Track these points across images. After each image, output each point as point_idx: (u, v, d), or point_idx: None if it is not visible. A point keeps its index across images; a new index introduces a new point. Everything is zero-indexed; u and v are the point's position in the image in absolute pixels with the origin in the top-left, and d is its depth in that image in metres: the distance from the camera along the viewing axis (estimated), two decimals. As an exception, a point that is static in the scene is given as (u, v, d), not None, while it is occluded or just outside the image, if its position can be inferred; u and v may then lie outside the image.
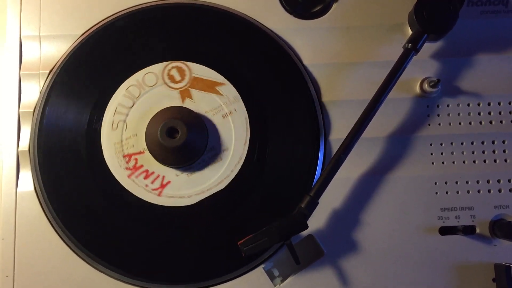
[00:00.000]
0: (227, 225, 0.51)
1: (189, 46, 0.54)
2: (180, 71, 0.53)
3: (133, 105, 0.52)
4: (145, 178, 0.52)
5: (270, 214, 0.50)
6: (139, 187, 0.51)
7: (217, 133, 0.52)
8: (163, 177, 0.52)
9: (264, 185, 0.52)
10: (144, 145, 0.52)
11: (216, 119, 0.53)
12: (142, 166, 0.52)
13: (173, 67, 0.53)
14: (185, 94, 0.53)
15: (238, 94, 0.53)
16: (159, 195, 0.51)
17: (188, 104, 0.53)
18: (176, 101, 0.53)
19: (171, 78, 0.53)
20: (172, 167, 0.51)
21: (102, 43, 0.53)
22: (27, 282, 0.51)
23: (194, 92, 0.53)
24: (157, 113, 0.51)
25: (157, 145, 0.50)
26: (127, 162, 0.51)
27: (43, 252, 0.51)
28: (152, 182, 0.51)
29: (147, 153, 0.51)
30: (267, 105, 0.53)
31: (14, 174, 0.52)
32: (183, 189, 0.51)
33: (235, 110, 0.53)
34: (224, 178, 0.52)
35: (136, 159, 0.52)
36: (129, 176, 0.51)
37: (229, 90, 0.53)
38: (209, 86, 0.53)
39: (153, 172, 0.52)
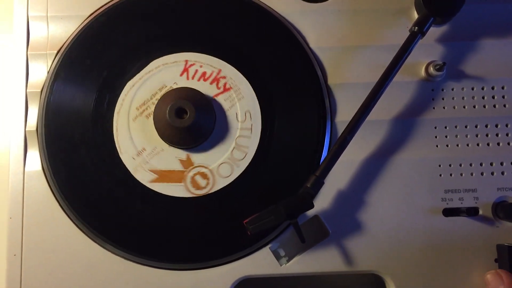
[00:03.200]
0: (234, 206, 0.52)
1: (194, 29, 0.54)
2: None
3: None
4: None
5: (276, 194, 0.51)
6: None
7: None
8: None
9: (271, 166, 0.52)
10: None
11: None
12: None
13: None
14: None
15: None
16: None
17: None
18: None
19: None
20: (181, 148, 0.52)
21: (110, 24, 0.54)
22: (34, 261, 0.51)
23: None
24: (164, 94, 0.52)
25: (166, 126, 0.50)
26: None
27: (51, 231, 0.51)
28: None
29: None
30: (274, 87, 0.53)
31: (21, 154, 0.52)
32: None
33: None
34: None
35: None
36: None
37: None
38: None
39: None
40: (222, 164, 0.52)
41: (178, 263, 0.51)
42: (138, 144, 0.52)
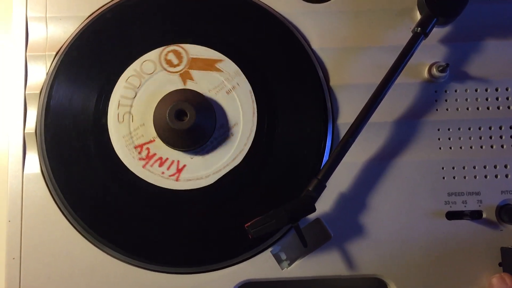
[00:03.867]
0: (234, 209, 0.51)
1: (195, 28, 0.53)
2: (177, 54, 0.53)
3: (135, 96, 0.52)
4: (160, 165, 0.51)
5: (278, 197, 0.50)
6: (155, 175, 0.51)
7: (223, 110, 0.52)
8: (178, 161, 0.51)
9: (272, 168, 0.51)
10: (153, 133, 0.51)
11: (220, 97, 0.52)
12: (155, 154, 0.51)
13: (169, 52, 0.53)
14: (185, 76, 0.53)
15: (239, 68, 0.53)
16: (176, 180, 0.51)
17: (190, 85, 0.52)
18: (177, 85, 0.52)
19: (169, 63, 0.53)
20: (183, 151, 0.51)
21: (109, 25, 0.53)
22: (33, 264, 0.51)
23: (194, 73, 0.53)
24: (163, 97, 0.51)
25: (166, 129, 0.50)
26: (139, 153, 0.51)
27: (50, 234, 0.51)
28: (168, 169, 0.51)
29: (158, 140, 0.51)
30: (276, 89, 0.53)
31: (20, 156, 0.52)
32: (201, 170, 0.51)
33: (237, 84, 0.53)
34: (239, 153, 0.52)
35: (148, 149, 0.52)
36: (143, 166, 0.51)
37: (228, 65, 0.53)
38: (208, 65, 0.53)
39: (167, 159, 0.51)
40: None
41: (178, 266, 0.51)
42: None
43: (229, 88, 0.52)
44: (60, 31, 0.54)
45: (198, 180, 0.51)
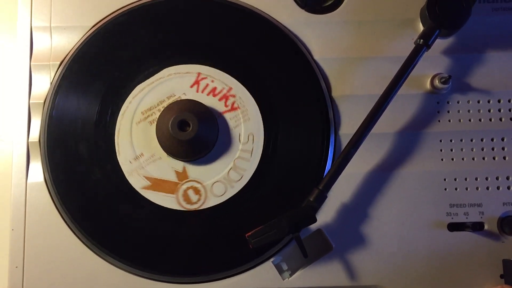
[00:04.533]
0: (237, 218, 0.51)
1: (199, 41, 0.54)
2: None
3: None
4: None
5: (279, 207, 0.50)
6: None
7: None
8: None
9: (274, 179, 0.52)
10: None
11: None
12: None
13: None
14: None
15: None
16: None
17: None
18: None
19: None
20: (183, 160, 0.51)
21: (113, 35, 0.53)
22: (36, 273, 0.51)
23: None
24: (169, 104, 0.52)
25: (167, 137, 0.50)
26: None
27: (53, 243, 0.51)
28: None
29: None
30: (277, 99, 0.53)
31: (24, 165, 0.52)
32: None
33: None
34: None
35: None
36: None
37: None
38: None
39: None
40: (217, 183, 0.52)
41: (180, 276, 0.51)
42: (137, 148, 0.52)
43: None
44: (65, 41, 0.54)
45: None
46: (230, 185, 0.52)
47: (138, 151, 0.52)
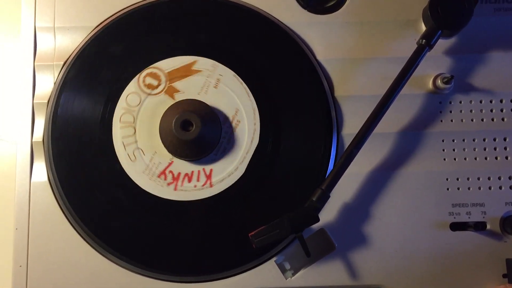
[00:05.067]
0: (240, 218, 0.52)
1: (202, 42, 0.54)
2: (153, 75, 0.53)
3: (135, 131, 0.52)
4: (190, 181, 0.52)
5: (282, 207, 0.50)
6: (189, 192, 0.52)
7: (221, 104, 0.53)
8: (203, 169, 0.52)
9: (277, 179, 0.52)
10: (169, 155, 0.52)
11: (211, 94, 0.53)
12: (179, 173, 0.52)
13: (145, 77, 0.53)
14: (171, 91, 0.53)
15: (213, 61, 0.53)
16: (211, 186, 0.52)
17: (180, 96, 0.53)
18: (168, 103, 0.52)
19: (150, 86, 0.53)
20: (188, 160, 0.52)
21: (117, 36, 0.54)
22: (40, 272, 0.51)
23: (177, 85, 0.53)
24: (171, 106, 0.52)
25: (172, 139, 0.50)
26: (165, 179, 0.52)
27: (57, 242, 0.51)
28: (198, 180, 0.52)
29: (176, 159, 0.52)
30: (280, 99, 0.53)
31: (28, 165, 0.53)
32: (228, 166, 0.52)
33: (220, 75, 0.53)
34: (253, 134, 0.52)
35: (171, 171, 0.52)
36: (175, 189, 0.52)
37: (204, 62, 0.53)
38: (186, 71, 0.53)
39: (192, 172, 0.52)
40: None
41: (182, 275, 0.51)
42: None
43: (215, 83, 0.53)
44: (68, 41, 0.55)
45: (230, 176, 0.52)
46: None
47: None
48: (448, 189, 0.53)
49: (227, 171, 0.52)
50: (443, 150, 0.53)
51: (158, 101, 0.53)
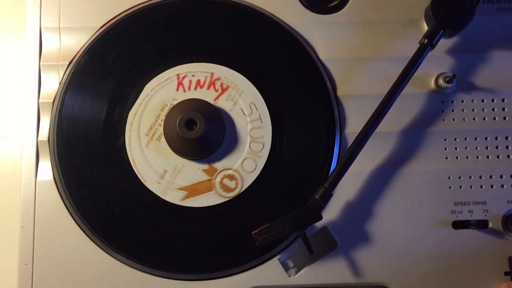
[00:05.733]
0: (243, 216, 0.52)
1: (203, 40, 0.54)
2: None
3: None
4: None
5: (285, 205, 0.51)
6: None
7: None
8: None
9: (280, 178, 0.52)
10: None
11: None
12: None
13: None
14: None
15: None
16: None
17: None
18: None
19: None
20: (191, 159, 0.52)
21: (122, 36, 0.54)
22: (45, 270, 0.51)
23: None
24: (172, 107, 0.52)
25: (176, 138, 0.50)
26: None
27: (62, 241, 0.52)
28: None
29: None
30: (283, 99, 0.53)
31: (33, 164, 0.53)
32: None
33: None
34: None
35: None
36: None
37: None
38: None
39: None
40: (245, 160, 0.52)
41: (187, 273, 0.52)
42: (158, 168, 0.52)
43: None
44: (73, 41, 0.55)
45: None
46: (256, 157, 0.52)
47: (160, 169, 0.52)
48: (450, 187, 0.53)
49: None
50: (445, 149, 0.54)
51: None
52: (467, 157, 0.53)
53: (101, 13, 0.55)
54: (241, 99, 0.53)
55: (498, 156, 0.53)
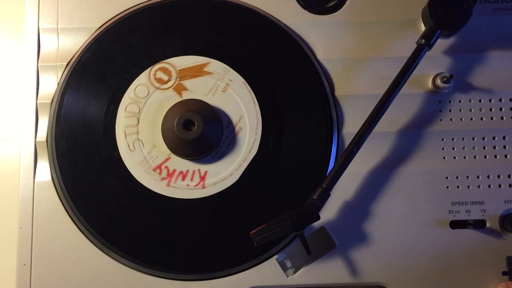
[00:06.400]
0: (241, 216, 0.52)
1: (202, 40, 0.55)
2: (164, 70, 0.54)
3: (138, 122, 0.53)
4: (183, 179, 0.52)
5: (283, 205, 0.51)
6: (180, 190, 0.52)
7: (225, 108, 0.53)
8: (199, 170, 0.52)
9: (278, 178, 0.52)
10: (167, 151, 0.52)
11: (218, 97, 0.53)
12: (175, 170, 0.52)
13: (156, 71, 0.54)
14: (179, 88, 0.54)
15: (226, 65, 0.54)
16: (203, 187, 0.52)
17: (186, 95, 0.53)
18: (174, 99, 0.53)
19: (160, 81, 0.54)
20: (190, 159, 0.52)
21: (119, 37, 0.54)
22: (44, 270, 0.52)
23: (186, 83, 0.54)
24: (173, 105, 0.52)
25: (172, 136, 0.50)
26: (160, 173, 0.52)
27: (60, 241, 0.52)
28: (192, 180, 0.52)
29: (173, 156, 0.52)
30: (281, 99, 0.54)
31: (32, 164, 0.53)
32: (223, 171, 0.52)
33: (230, 80, 0.54)
34: (253, 143, 0.53)
35: (166, 167, 0.52)
36: (168, 184, 0.52)
37: (216, 65, 0.54)
38: (197, 71, 0.54)
39: (188, 171, 0.52)
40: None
41: (185, 273, 0.52)
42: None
43: (224, 86, 0.53)
44: (71, 42, 0.55)
45: (223, 180, 0.52)
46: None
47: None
48: (447, 187, 0.53)
49: (222, 176, 0.52)
50: (443, 149, 0.54)
51: (165, 96, 0.53)
52: (464, 157, 0.54)
53: (99, 14, 0.55)
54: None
55: (495, 156, 0.54)
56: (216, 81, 0.54)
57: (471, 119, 0.54)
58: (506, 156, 0.54)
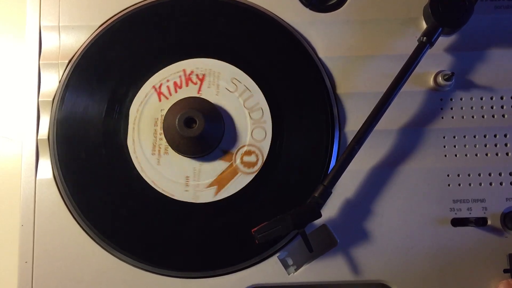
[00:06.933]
0: (242, 214, 0.52)
1: (204, 39, 0.55)
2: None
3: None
4: None
5: (284, 203, 0.51)
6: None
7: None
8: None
9: (279, 176, 0.52)
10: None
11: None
12: None
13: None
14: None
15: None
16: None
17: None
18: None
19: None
20: (189, 157, 0.52)
21: (121, 34, 0.54)
22: (45, 268, 0.52)
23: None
24: (172, 106, 0.52)
25: (175, 135, 0.51)
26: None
27: (62, 239, 0.52)
28: None
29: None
30: (283, 97, 0.54)
31: (33, 162, 0.53)
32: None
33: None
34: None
35: None
36: None
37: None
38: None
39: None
40: (253, 132, 0.53)
41: (187, 271, 0.52)
42: (179, 178, 0.52)
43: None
44: (73, 40, 0.55)
45: None
46: (261, 123, 0.53)
47: (182, 178, 0.52)
48: (449, 185, 0.53)
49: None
50: (444, 146, 0.54)
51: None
52: (466, 155, 0.54)
53: (101, 12, 0.55)
54: (221, 80, 0.53)
55: (497, 154, 0.54)
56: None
57: (473, 116, 0.54)
58: (507, 154, 0.54)
